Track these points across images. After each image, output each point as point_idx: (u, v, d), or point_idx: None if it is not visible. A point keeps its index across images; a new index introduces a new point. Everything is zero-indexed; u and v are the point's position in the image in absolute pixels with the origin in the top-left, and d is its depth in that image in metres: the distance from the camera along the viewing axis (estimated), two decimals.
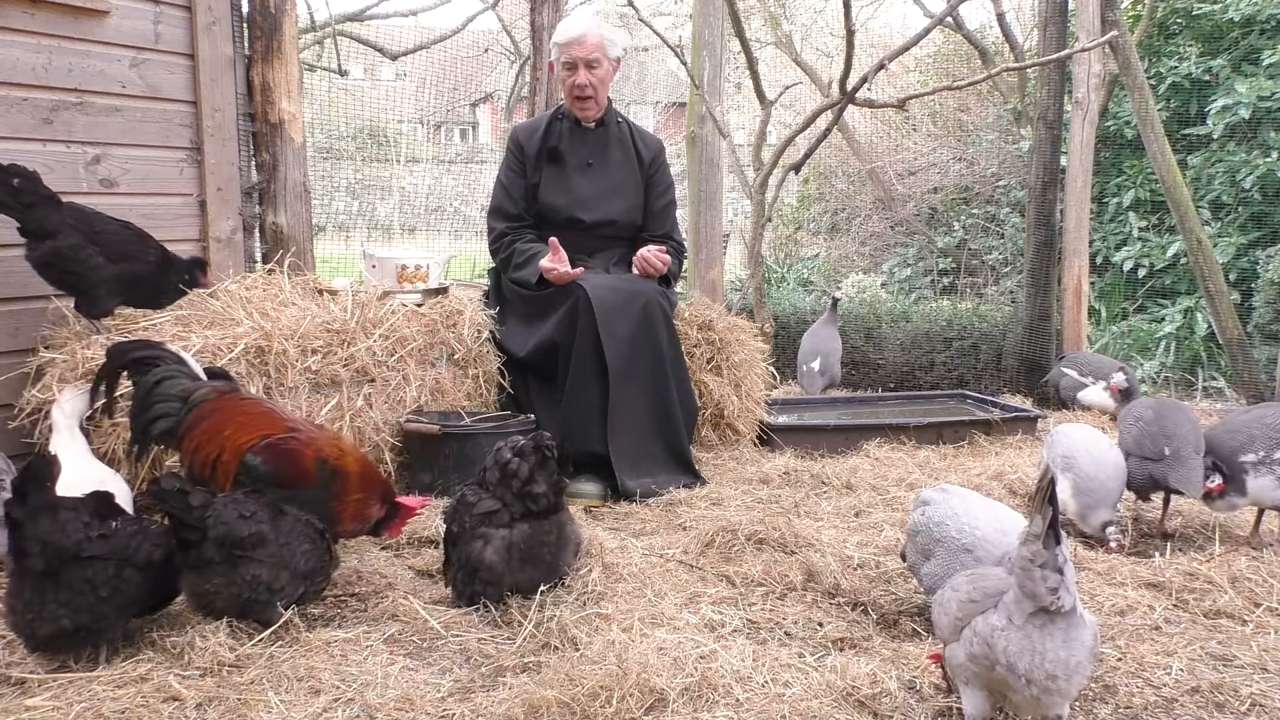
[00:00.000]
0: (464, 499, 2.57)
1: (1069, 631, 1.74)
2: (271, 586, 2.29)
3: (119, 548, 2.14)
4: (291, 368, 3.15)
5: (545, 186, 4.01)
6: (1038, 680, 1.73)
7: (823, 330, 5.70)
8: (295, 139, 4.16)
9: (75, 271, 3.00)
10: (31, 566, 2.08)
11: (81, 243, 2.99)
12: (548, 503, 2.55)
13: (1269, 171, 6.59)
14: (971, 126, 9.44)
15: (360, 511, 2.64)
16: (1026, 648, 1.74)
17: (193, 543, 2.22)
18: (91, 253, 3.00)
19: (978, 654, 1.80)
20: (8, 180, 2.90)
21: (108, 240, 3.04)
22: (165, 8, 3.62)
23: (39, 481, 2.09)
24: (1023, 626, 1.75)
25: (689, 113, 6.23)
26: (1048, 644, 1.73)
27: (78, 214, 3.03)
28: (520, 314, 3.92)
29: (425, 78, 14.51)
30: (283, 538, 2.33)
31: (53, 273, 3.02)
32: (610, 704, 1.97)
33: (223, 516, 2.24)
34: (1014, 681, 1.75)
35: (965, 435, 4.44)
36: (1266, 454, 2.97)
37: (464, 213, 12.04)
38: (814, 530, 3.04)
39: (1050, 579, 1.72)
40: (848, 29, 4.62)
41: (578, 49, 3.89)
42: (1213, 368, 6.43)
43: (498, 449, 2.61)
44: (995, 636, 1.77)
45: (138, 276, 3.12)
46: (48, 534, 2.07)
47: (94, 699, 2.00)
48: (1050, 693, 1.75)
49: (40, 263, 3.00)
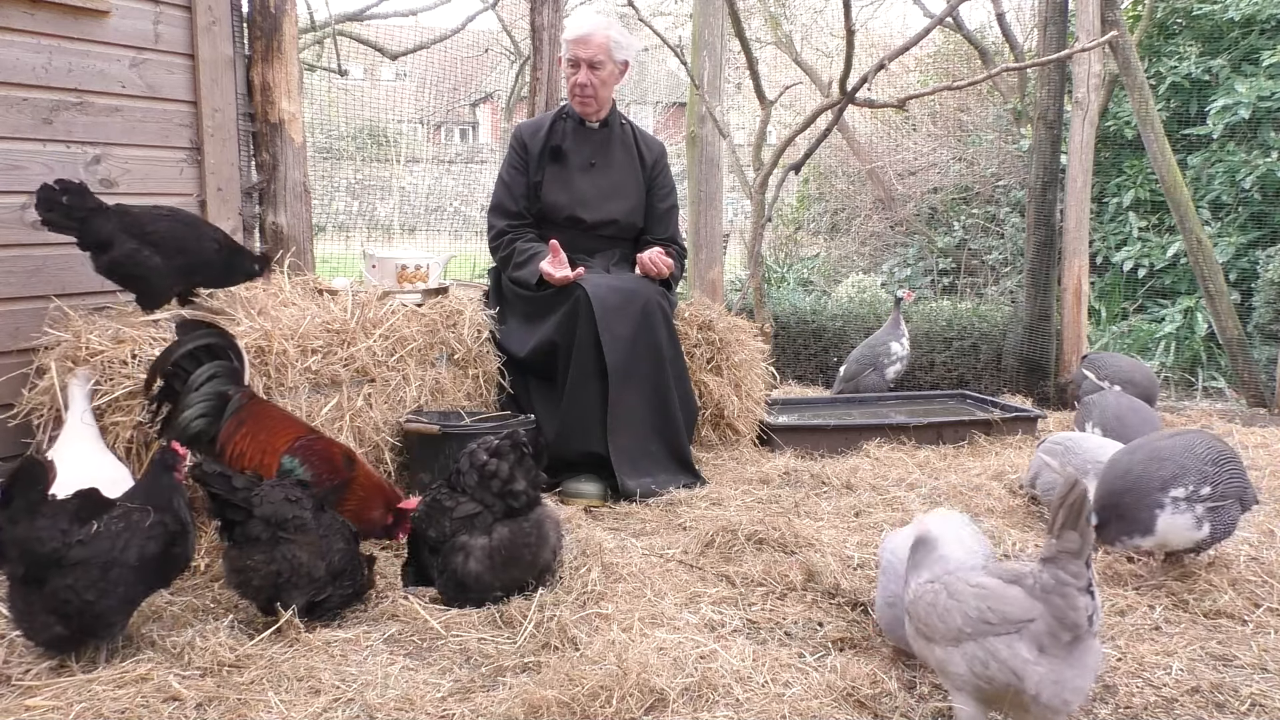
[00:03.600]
0: (438, 502, 2.56)
1: (1084, 656, 1.71)
2: (310, 573, 2.33)
3: (101, 550, 2.11)
4: (291, 368, 3.15)
5: (547, 185, 4.01)
6: (1054, 706, 1.71)
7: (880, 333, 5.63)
8: (295, 139, 4.16)
9: (136, 275, 3.04)
10: (13, 573, 2.10)
11: (137, 247, 3.01)
12: (528, 498, 2.57)
13: (1269, 171, 6.59)
14: (971, 126, 9.44)
15: (363, 511, 2.67)
16: (1052, 679, 1.69)
17: (236, 522, 2.27)
18: (147, 254, 3.02)
19: (995, 678, 1.74)
20: (57, 198, 2.88)
21: (160, 239, 3.07)
22: (165, 8, 3.62)
23: (25, 485, 2.08)
24: (1053, 657, 1.68)
25: (689, 113, 6.23)
26: (1068, 673, 1.69)
27: (127, 217, 3.04)
28: (520, 314, 3.92)
29: (425, 78, 14.51)
30: (323, 529, 2.38)
31: (117, 278, 3.07)
32: (610, 704, 1.97)
33: (270, 497, 2.31)
34: (1032, 706, 1.71)
35: (965, 435, 4.44)
36: (1195, 489, 2.62)
37: (464, 213, 12.04)
38: (814, 530, 3.04)
39: (1088, 605, 1.65)
40: (848, 29, 4.62)
41: (581, 48, 3.90)
42: (1213, 368, 6.43)
43: (471, 450, 2.60)
44: (1027, 669, 1.69)
45: (194, 265, 3.16)
46: (25, 540, 2.06)
47: (94, 699, 2.01)
48: (1058, 713, 1.73)
49: (106, 273, 3.04)
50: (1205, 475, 2.64)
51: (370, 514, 2.72)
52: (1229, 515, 2.66)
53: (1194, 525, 2.62)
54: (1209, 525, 2.63)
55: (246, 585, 2.31)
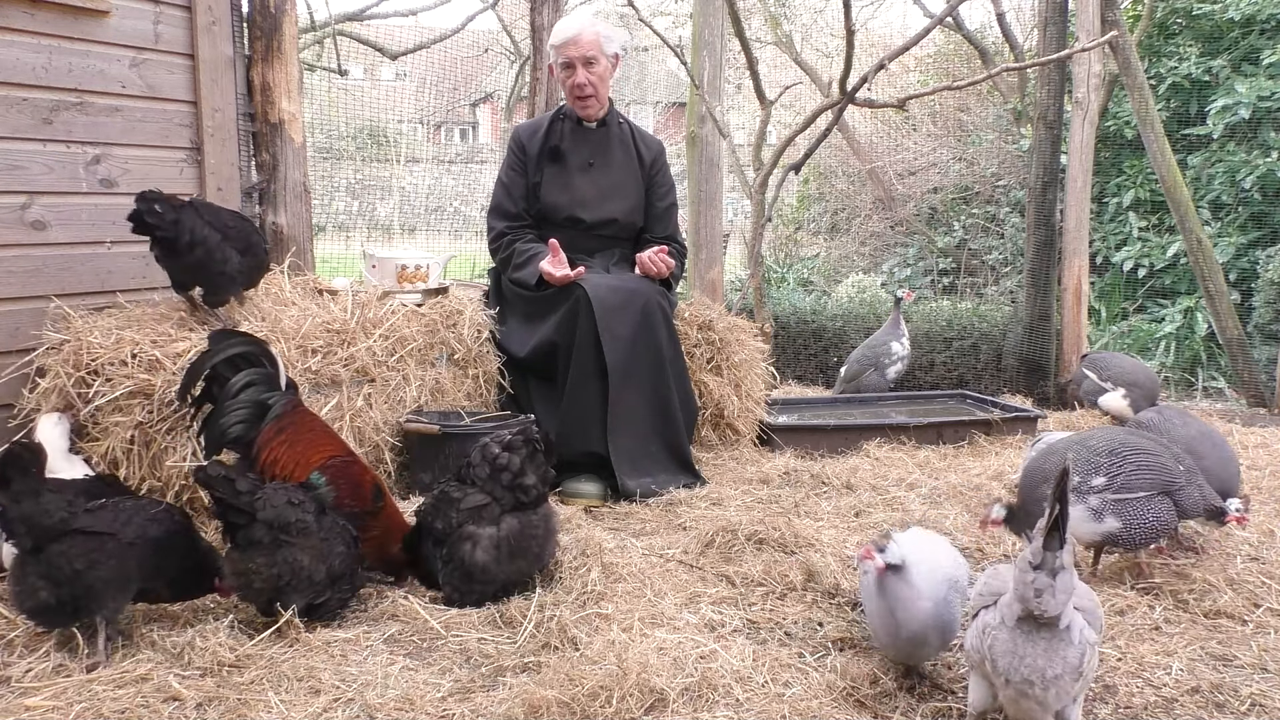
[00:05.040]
0: (447, 495, 2.57)
1: (1053, 643, 1.74)
2: (311, 577, 2.33)
3: (100, 522, 2.19)
4: (292, 368, 3.15)
5: (546, 186, 4.01)
6: (1014, 682, 1.75)
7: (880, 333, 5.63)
8: (295, 139, 4.16)
9: (216, 270, 3.05)
10: (21, 546, 2.16)
11: (220, 240, 3.04)
12: (538, 493, 2.59)
13: (1269, 171, 6.59)
14: (971, 126, 9.44)
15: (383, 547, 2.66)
16: (1010, 649, 1.76)
17: (239, 525, 2.28)
18: (227, 247, 3.05)
19: (974, 645, 1.85)
20: (150, 208, 2.89)
21: (234, 235, 3.10)
22: (165, 8, 3.62)
23: (18, 468, 2.14)
24: (1012, 628, 1.76)
25: (689, 113, 6.23)
26: (1028, 649, 1.74)
27: (205, 210, 3.08)
28: (520, 314, 3.92)
29: (425, 78, 14.52)
30: (324, 533, 2.38)
31: (192, 273, 3.06)
32: (610, 704, 1.97)
33: (273, 500, 2.31)
34: (995, 679, 1.80)
35: (965, 435, 4.44)
36: (1082, 480, 2.62)
37: (464, 213, 12.04)
38: (814, 530, 3.04)
39: (1039, 581, 1.70)
40: (848, 29, 4.62)
41: (573, 48, 3.89)
42: (1213, 368, 6.43)
43: (484, 444, 2.63)
44: (987, 633, 1.81)
45: (256, 266, 3.20)
46: (31, 515, 2.13)
47: (94, 699, 2.01)
48: (1027, 697, 1.75)
49: (189, 267, 3.02)
50: (1097, 465, 2.62)
51: (389, 551, 2.69)
52: (1146, 510, 2.59)
53: (1090, 517, 2.61)
54: (1113, 518, 2.59)
55: (248, 588, 2.31)
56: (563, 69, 3.95)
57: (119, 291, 3.38)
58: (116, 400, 2.87)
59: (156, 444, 2.90)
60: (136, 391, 2.88)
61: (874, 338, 5.61)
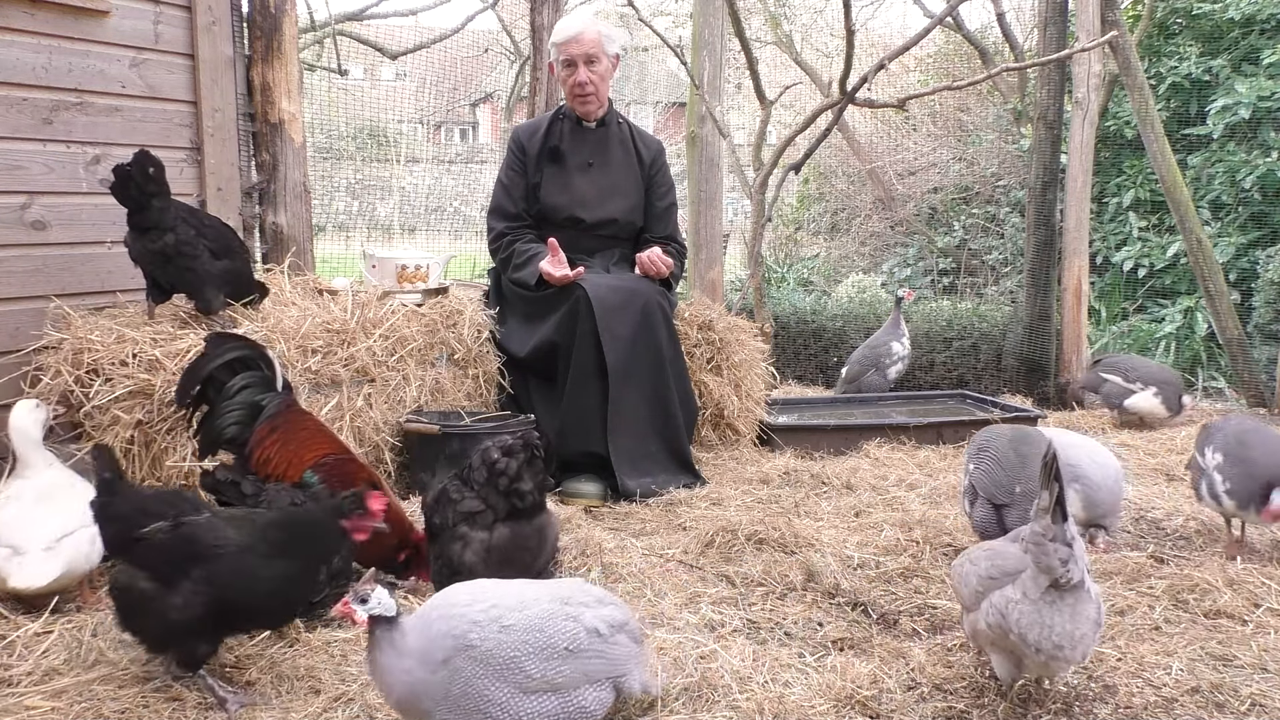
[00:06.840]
0: (447, 494, 2.58)
1: (1076, 606, 1.87)
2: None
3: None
4: (292, 368, 3.15)
5: (546, 186, 4.01)
6: (1046, 650, 1.87)
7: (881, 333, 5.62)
8: (295, 139, 4.16)
9: (189, 267, 3.03)
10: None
11: (195, 236, 3.03)
12: (533, 500, 2.56)
13: (1269, 171, 6.59)
14: (971, 126, 9.44)
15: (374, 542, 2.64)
16: (1036, 621, 1.86)
17: None
18: (203, 246, 3.04)
19: (994, 624, 1.93)
20: (145, 169, 2.90)
21: (211, 235, 3.09)
22: (165, 8, 3.62)
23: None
24: (1035, 601, 1.87)
25: (689, 113, 6.23)
26: (1055, 618, 1.86)
27: (185, 209, 3.08)
28: (520, 314, 3.92)
29: (425, 78, 14.52)
30: None
31: (167, 268, 3.03)
32: None
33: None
34: (1025, 650, 1.90)
35: (965, 435, 4.43)
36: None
37: (464, 213, 12.04)
38: (814, 530, 3.04)
39: (1061, 551, 1.83)
40: (848, 29, 4.62)
41: (575, 47, 3.90)
42: (1213, 368, 6.43)
43: (485, 448, 2.62)
44: (1010, 609, 1.89)
45: (237, 273, 3.19)
46: None
47: (94, 699, 2.01)
48: (1057, 659, 1.89)
49: (160, 254, 2.99)
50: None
51: (382, 546, 2.66)
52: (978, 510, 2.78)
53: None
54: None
55: None
56: (564, 67, 3.95)
57: (119, 291, 3.39)
58: (117, 399, 2.87)
59: (157, 444, 2.91)
60: (136, 391, 2.88)
61: (874, 338, 5.61)
